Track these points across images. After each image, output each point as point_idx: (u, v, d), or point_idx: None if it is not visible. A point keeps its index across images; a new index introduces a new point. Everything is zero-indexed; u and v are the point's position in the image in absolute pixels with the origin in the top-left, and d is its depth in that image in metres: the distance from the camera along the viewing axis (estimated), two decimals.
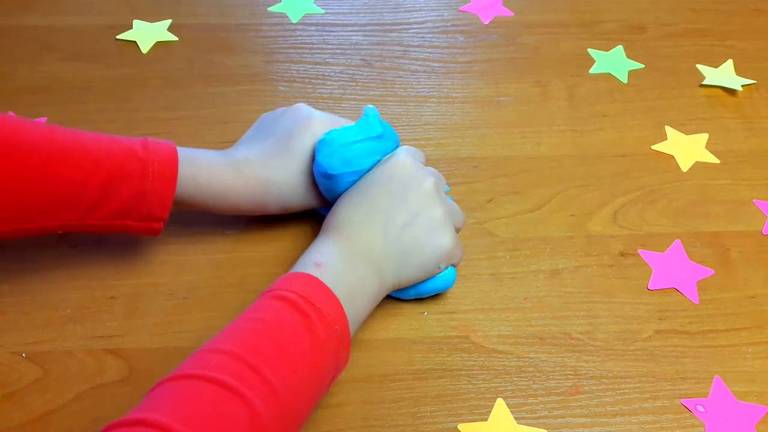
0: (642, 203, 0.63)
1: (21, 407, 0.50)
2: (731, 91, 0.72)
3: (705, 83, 0.72)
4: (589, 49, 0.75)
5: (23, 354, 0.52)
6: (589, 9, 0.79)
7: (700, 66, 0.74)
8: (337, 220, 0.53)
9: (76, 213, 0.50)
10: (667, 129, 0.68)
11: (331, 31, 0.76)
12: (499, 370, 0.53)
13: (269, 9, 0.78)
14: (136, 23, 0.76)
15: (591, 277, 0.58)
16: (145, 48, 0.73)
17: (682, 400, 0.51)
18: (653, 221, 0.61)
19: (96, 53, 0.73)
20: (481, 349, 0.54)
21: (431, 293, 0.55)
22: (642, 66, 0.74)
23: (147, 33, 0.75)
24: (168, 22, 0.76)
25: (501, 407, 0.51)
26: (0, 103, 0.68)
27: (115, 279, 0.57)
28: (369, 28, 0.77)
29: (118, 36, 0.74)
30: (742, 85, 0.72)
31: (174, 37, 0.75)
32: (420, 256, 0.52)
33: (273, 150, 0.55)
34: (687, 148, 0.67)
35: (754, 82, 0.72)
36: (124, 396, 0.50)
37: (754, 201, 0.63)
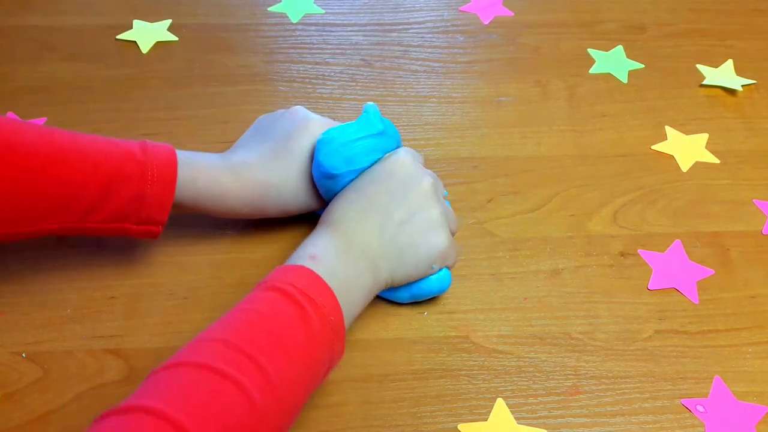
0: (642, 203, 0.63)
1: (21, 407, 0.50)
2: (731, 91, 0.72)
3: (705, 83, 0.72)
4: (589, 49, 0.75)
5: (23, 354, 0.52)
6: (589, 9, 0.79)
7: (700, 66, 0.74)
8: (334, 215, 0.52)
9: (73, 215, 0.50)
10: (667, 129, 0.68)
11: (331, 31, 0.76)
12: (499, 370, 0.53)
13: (269, 9, 0.78)
14: (136, 23, 0.76)
15: (591, 277, 0.58)
16: (145, 48, 0.73)
17: (682, 400, 0.51)
18: (653, 221, 0.61)
19: (96, 53, 0.73)
20: (481, 349, 0.54)
21: (427, 296, 0.55)
22: (642, 66, 0.74)
23: (147, 33, 0.75)
24: (168, 22, 0.76)
25: (501, 407, 0.51)
26: (0, 103, 0.68)
27: (115, 279, 0.57)
28: (369, 28, 0.77)
29: (118, 36, 0.74)
30: (742, 85, 0.72)
31: (174, 37, 0.75)
32: (415, 255, 0.52)
33: (271, 153, 0.55)
34: (687, 148, 0.67)
35: (754, 82, 0.72)
36: (124, 396, 0.49)
37: (754, 201, 0.63)
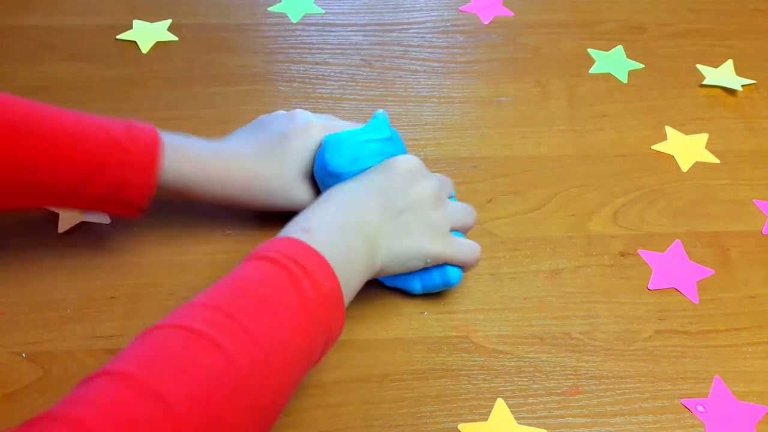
0: (642, 203, 0.63)
1: (21, 407, 0.50)
2: (731, 91, 0.72)
3: (705, 83, 0.72)
4: (589, 49, 0.75)
5: (23, 354, 0.52)
6: (589, 9, 0.79)
7: (700, 66, 0.74)
8: (334, 193, 0.51)
9: (53, 199, 0.51)
10: (667, 129, 0.68)
11: (331, 31, 0.76)
12: (499, 370, 0.53)
13: (269, 9, 0.78)
14: (136, 23, 0.76)
15: (591, 277, 0.58)
16: (145, 48, 0.73)
17: (682, 400, 0.51)
18: (653, 221, 0.61)
19: (96, 53, 0.73)
20: (481, 349, 0.54)
21: (438, 287, 0.54)
22: (642, 66, 0.74)
23: (147, 33, 0.75)
24: (168, 22, 0.76)
25: (501, 407, 0.51)
26: None
27: (115, 279, 0.56)
28: (369, 28, 0.77)
29: (118, 36, 0.74)
30: (742, 85, 0.72)
31: (174, 37, 0.75)
32: (411, 244, 0.51)
33: (265, 147, 0.55)
34: (687, 148, 0.67)
35: (754, 82, 0.72)
36: None
37: (754, 201, 0.63)
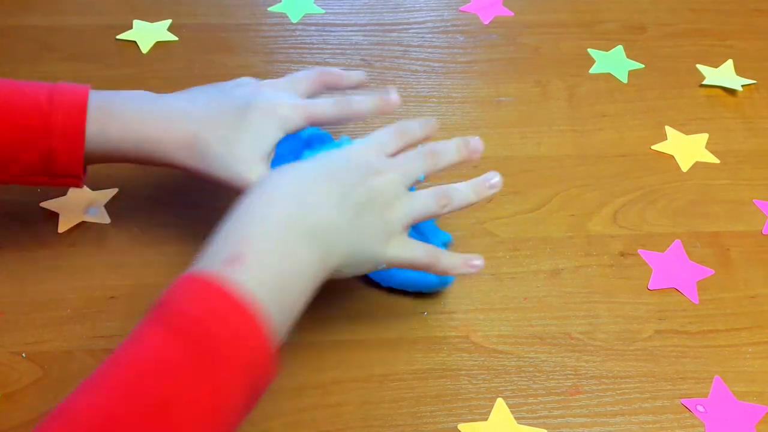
0: (642, 203, 0.63)
1: (21, 407, 0.50)
2: (731, 91, 0.72)
3: (705, 83, 0.72)
4: (589, 49, 0.75)
5: (23, 354, 0.52)
6: (589, 9, 0.79)
7: (700, 66, 0.74)
8: (276, 184, 0.44)
9: None
10: (667, 129, 0.68)
11: (331, 31, 0.76)
12: (499, 370, 0.53)
13: (269, 9, 0.78)
14: (136, 23, 0.76)
15: (591, 277, 0.58)
16: (145, 48, 0.73)
17: (682, 400, 0.51)
18: (653, 221, 0.61)
19: (96, 53, 0.73)
20: (481, 349, 0.54)
21: (430, 288, 0.55)
22: (642, 66, 0.74)
23: (147, 33, 0.75)
24: (168, 22, 0.76)
25: (501, 407, 0.51)
26: None
27: (115, 279, 0.56)
28: (369, 28, 0.77)
29: (118, 36, 0.74)
30: (742, 85, 0.72)
31: (174, 37, 0.74)
32: (365, 248, 0.45)
33: (221, 111, 0.50)
34: (687, 148, 0.67)
35: (754, 82, 0.72)
36: None
37: (754, 201, 0.63)
